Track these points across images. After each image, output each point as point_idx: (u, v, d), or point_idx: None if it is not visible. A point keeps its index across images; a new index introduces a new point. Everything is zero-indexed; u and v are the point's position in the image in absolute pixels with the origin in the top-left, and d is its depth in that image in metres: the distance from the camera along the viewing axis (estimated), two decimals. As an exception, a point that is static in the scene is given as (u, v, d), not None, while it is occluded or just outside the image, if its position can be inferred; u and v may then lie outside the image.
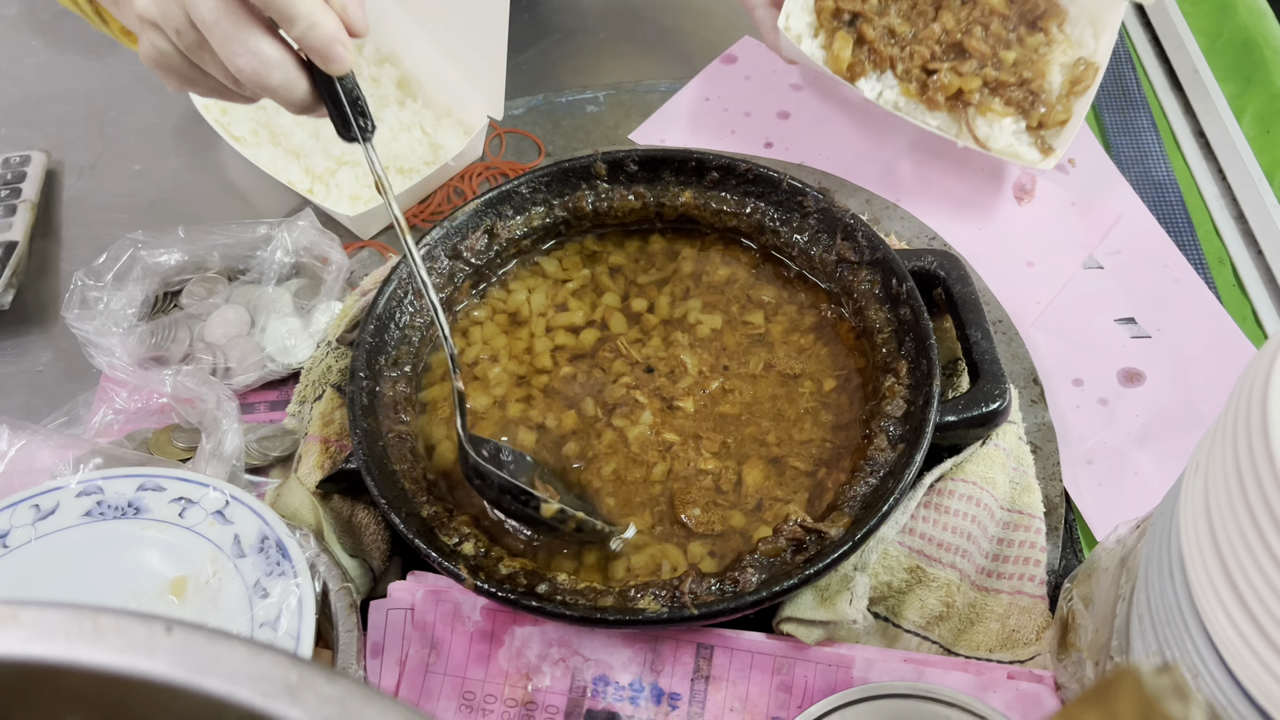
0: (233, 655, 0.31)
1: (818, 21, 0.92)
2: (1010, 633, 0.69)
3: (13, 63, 1.15)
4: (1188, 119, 1.02)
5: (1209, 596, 0.46)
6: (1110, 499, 0.78)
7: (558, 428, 0.75)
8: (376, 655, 0.68)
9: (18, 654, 0.31)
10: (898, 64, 0.91)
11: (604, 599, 0.64)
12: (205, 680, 0.31)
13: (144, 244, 0.86)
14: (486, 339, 0.80)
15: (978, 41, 0.90)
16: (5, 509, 0.68)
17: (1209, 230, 0.93)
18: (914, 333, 0.74)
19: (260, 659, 0.32)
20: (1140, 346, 0.87)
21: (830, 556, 0.63)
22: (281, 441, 0.79)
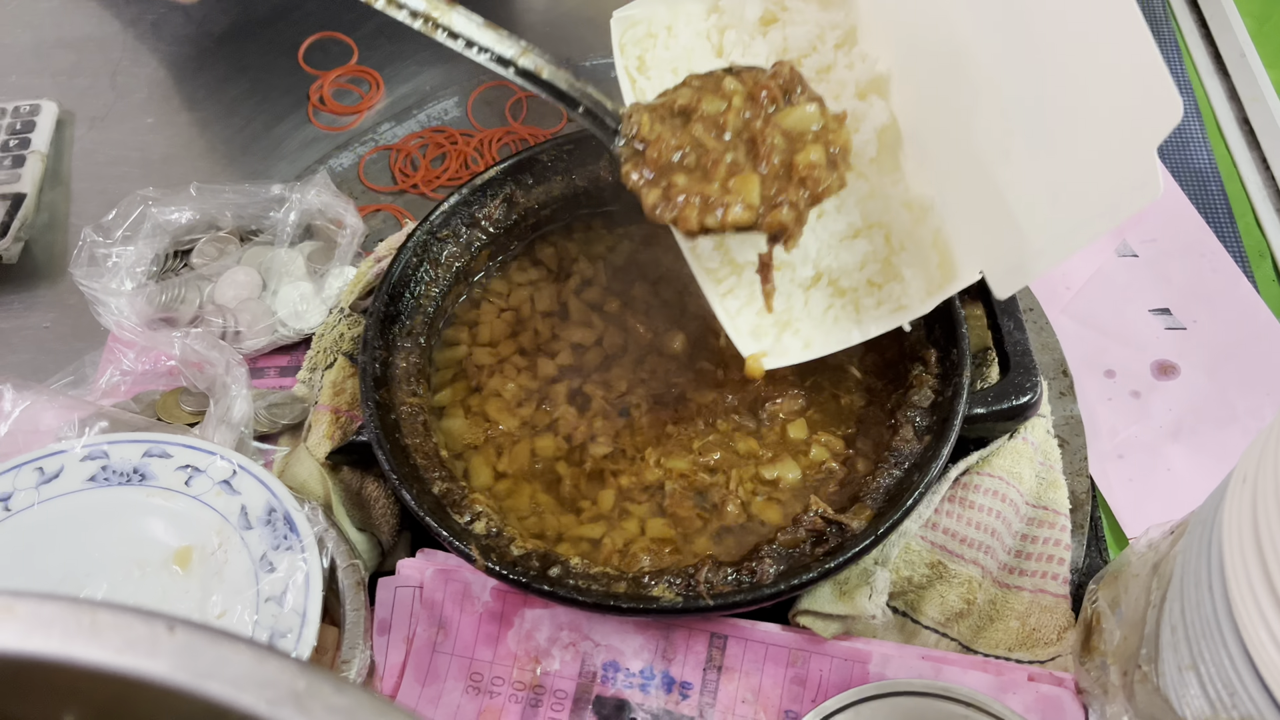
0: (238, 659, 0.30)
1: None
2: (1031, 632, 0.68)
3: (24, 7, 1.12)
4: (1232, 105, 0.98)
5: (1252, 614, 0.44)
6: (1141, 495, 0.76)
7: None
8: (384, 633, 0.67)
9: (12, 649, 0.30)
10: None
11: (617, 585, 0.62)
12: (208, 684, 0.29)
13: (155, 201, 0.84)
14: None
15: None
16: (8, 471, 0.67)
17: (1250, 222, 0.90)
18: (944, 320, 0.71)
19: (266, 664, 0.30)
20: (1175, 338, 0.84)
21: (851, 550, 0.62)
22: (291, 409, 0.78)
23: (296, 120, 1.00)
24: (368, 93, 1.02)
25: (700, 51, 0.73)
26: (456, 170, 0.95)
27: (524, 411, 0.73)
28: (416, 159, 0.96)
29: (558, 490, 0.70)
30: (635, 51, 0.73)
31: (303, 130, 1.00)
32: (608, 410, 0.73)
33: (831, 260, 0.69)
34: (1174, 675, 0.53)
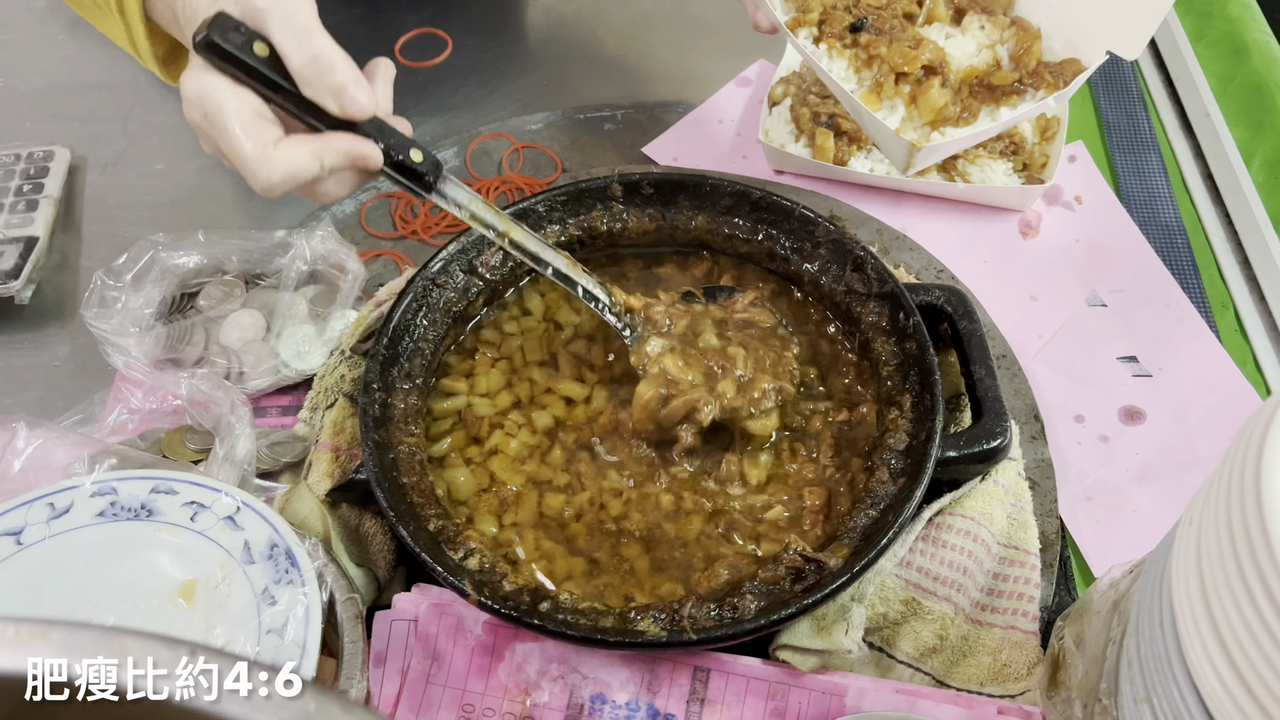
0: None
1: (796, 128, 1.00)
2: (1002, 667, 0.70)
3: (39, 55, 1.16)
4: (1197, 162, 1.03)
5: (1198, 651, 0.47)
6: (1109, 536, 0.79)
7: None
8: (379, 665, 0.69)
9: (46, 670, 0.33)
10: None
11: (604, 619, 0.65)
12: (226, 706, 0.32)
13: (164, 246, 0.88)
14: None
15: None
16: (20, 506, 0.69)
17: (1213, 274, 0.95)
18: (919, 367, 0.75)
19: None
20: (1141, 385, 0.88)
21: (829, 587, 0.65)
22: (292, 447, 0.81)
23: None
24: (370, 142, 1.06)
25: None
26: (454, 218, 0.98)
27: (528, 468, 0.76)
28: (416, 206, 0.99)
29: (566, 541, 0.73)
30: None
31: (307, 177, 1.03)
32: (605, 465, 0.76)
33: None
34: (1131, 708, 0.56)
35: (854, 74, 0.86)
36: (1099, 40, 0.81)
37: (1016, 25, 0.89)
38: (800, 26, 0.86)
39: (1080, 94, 1.09)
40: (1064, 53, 0.87)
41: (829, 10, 0.85)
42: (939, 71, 0.85)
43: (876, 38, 0.84)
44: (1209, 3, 1.14)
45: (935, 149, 0.82)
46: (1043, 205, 0.99)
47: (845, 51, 0.85)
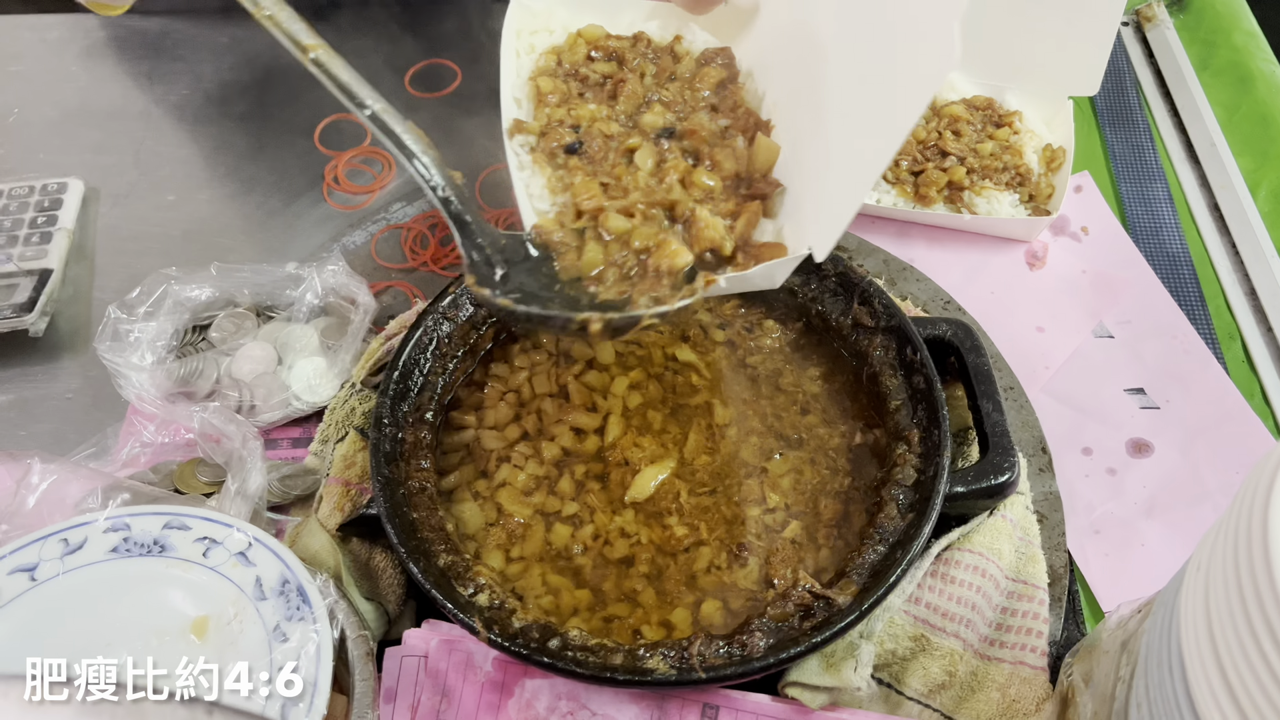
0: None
1: None
2: (1011, 703, 0.70)
3: (52, 87, 1.17)
4: (1203, 192, 1.03)
5: (1207, 697, 0.48)
6: (1117, 569, 0.80)
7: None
8: (389, 701, 0.69)
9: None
10: (886, 173, 1.00)
11: (614, 657, 0.65)
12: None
13: (176, 278, 0.89)
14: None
15: (951, 142, 1.00)
16: (34, 542, 0.70)
17: (1220, 305, 0.95)
18: (927, 402, 0.75)
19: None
20: (1149, 417, 0.88)
21: (838, 625, 0.65)
22: (303, 480, 0.81)
23: (312, 199, 1.05)
24: (380, 173, 1.07)
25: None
26: (463, 249, 0.99)
27: (536, 500, 0.76)
28: (426, 237, 1.00)
29: (572, 573, 0.73)
30: (528, 39, 0.80)
31: (317, 208, 1.05)
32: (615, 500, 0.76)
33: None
34: (1140, 750, 0.56)
35: (549, 195, 0.72)
36: (809, 229, 0.67)
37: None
38: (520, 133, 0.74)
39: (1086, 124, 1.09)
40: (779, 227, 0.71)
41: (553, 124, 0.74)
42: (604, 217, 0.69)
43: (580, 164, 0.72)
44: (1214, 32, 1.14)
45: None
46: (1049, 236, 0.99)
47: (548, 169, 0.73)
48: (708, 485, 0.76)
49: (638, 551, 0.73)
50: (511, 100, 0.76)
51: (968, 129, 1.01)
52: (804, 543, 0.73)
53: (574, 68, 0.77)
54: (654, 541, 0.73)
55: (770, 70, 0.75)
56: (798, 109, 0.71)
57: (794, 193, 0.70)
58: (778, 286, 0.68)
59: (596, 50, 0.78)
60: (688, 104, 0.75)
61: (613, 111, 0.75)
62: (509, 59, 0.78)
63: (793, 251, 0.66)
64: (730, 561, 0.72)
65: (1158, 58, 1.16)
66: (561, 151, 0.73)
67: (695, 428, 0.79)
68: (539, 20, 0.80)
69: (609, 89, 0.76)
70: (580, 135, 0.73)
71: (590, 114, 0.74)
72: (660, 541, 0.73)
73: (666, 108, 0.75)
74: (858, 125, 0.64)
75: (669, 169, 0.71)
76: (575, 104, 0.75)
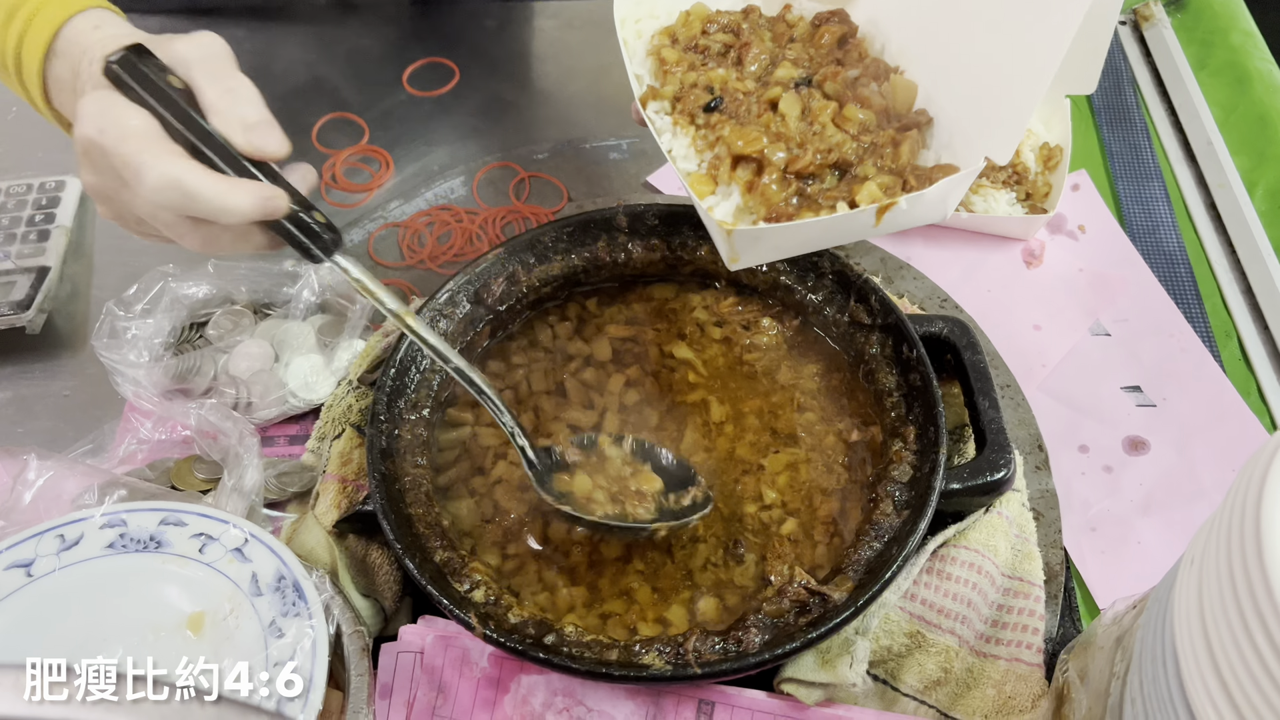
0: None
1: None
2: (1006, 699, 0.70)
3: (51, 85, 1.17)
4: (1200, 191, 1.03)
5: (1201, 692, 0.48)
6: (1113, 567, 0.80)
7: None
8: (385, 697, 0.69)
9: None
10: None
11: (610, 653, 0.65)
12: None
13: (174, 276, 0.89)
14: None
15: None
16: (31, 538, 0.70)
17: (1217, 303, 0.95)
18: (923, 399, 0.75)
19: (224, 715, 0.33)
20: (1145, 415, 0.88)
21: (833, 621, 0.65)
22: (300, 477, 0.81)
23: (310, 197, 1.05)
24: (378, 171, 1.08)
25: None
26: (462, 247, 0.99)
27: (531, 496, 0.76)
28: (424, 235, 1.00)
29: (568, 570, 0.73)
30: (633, 27, 0.80)
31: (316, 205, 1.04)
32: None
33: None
34: (1135, 746, 0.56)
35: (695, 154, 0.73)
36: (979, 145, 0.68)
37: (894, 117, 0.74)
38: (654, 100, 0.75)
39: (1083, 123, 1.09)
40: (937, 156, 0.71)
41: (687, 88, 0.75)
42: (767, 162, 0.69)
43: (724, 119, 0.72)
44: (1211, 32, 1.14)
45: (754, 235, 0.67)
46: (1046, 234, 0.99)
47: (690, 128, 0.73)
48: (704, 482, 0.76)
49: (634, 549, 0.73)
50: (634, 77, 0.77)
51: None
52: (800, 539, 0.73)
53: (692, 40, 0.78)
54: (651, 538, 0.73)
55: (888, 21, 0.76)
56: (928, 47, 0.72)
57: (944, 124, 0.71)
58: (949, 216, 0.69)
59: (710, 24, 0.78)
60: (814, 60, 0.76)
61: (742, 73, 0.75)
62: (624, 43, 0.79)
63: (966, 169, 0.66)
64: (726, 558, 0.72)
65: (1155, 57, 1.16)
66: (700, 111, 0.73)
67: (691, 425, 0.79)
68: (643, 7, 0.80)
69: (733, 56, 0.77)
70: (717, 94, 0.74)
71: (721, 77, 0.74)
72: (658, 540, 0.73)
73: (794, 64, 0.75)
74: (1015, 32, 0.65)
75: (817, 112, 0.71)
76: (703, 70, 0.75)
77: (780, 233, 0.67)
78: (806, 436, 0.79)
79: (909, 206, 0.65)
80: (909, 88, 0.72)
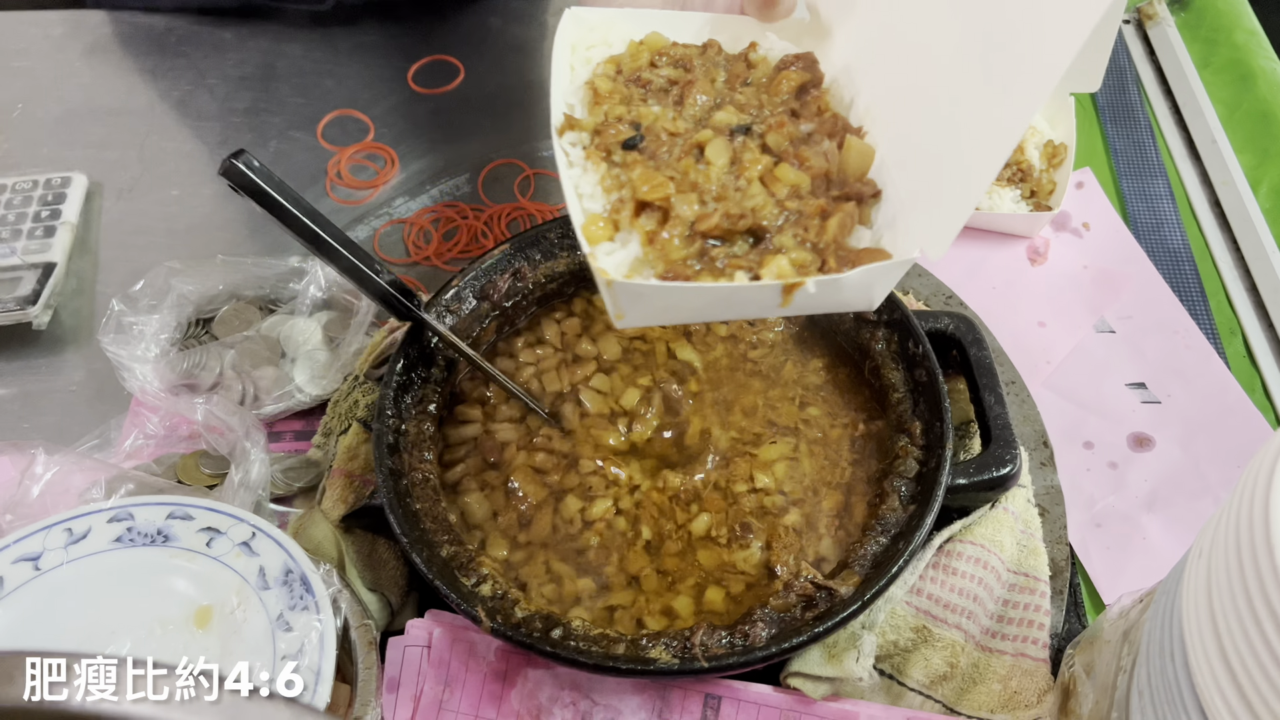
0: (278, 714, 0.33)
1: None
2: (1012, 694, 0.71)
3: (57, 83, 1.18)
4: (1204, 188, 1.03)
5: (1209, 683, 0.48)
6: (1118, 563, 0.80)
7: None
8: (392, 690, 0.69)
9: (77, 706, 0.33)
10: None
11: (616, 647, 0.65)
12: None
13: (181, 272, 0.89)
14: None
15: None
16: (39, 532, 0.70)
17: (1221, 300, 0.95)
18: (928, 395, 0.75)
19: (303, 718, 0.34)
20: (1150, 411, 0.88)
21: (839, 615, 0.65)
22: (306, 472, 0.81)
23: (315, 194, 1.05)
24: (383, 168, 1.08)
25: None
26: (467, 243, 0.99)
27: (551, 478, 0.76)
28: (429, 232, 1.01)
29: (575, 555, 0.73)
30: (583, 53, 0.71)
31: (320, 203, 1.05)
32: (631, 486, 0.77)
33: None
34: (1142, 739, 0.56)
35: (602, 194, 0.63)
36: (918, 230, 0.58)
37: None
38: (571, 130, 0.66)
39: (1088, 121, 1.10)
40: (878, 236, 0.61)
41: (611, 121, 0.65)
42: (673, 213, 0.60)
43: (641, 158, 0.62)
44: (1215, 30, 1.15)
45: (636, 292, 0.57)
46: (1051, 232, 1.00)
47: (602, 165, 0.64)
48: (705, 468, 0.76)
49: (642, 513, 0.74)
50: (563, 105, 0.68)
51: None
52: (805, 530, 0.73)
53: (635, 74, 0.68)
54: (654, 495, 0.74)
55: (861, 74, 0.66)
56: (897, 111, 0.63)
57: (893, 200, 0.61)
58: (875, 307, 0.59)
59: (661, 56, 0.69)
60: (764, 107, 0.66)
61: (679, 114, 0.65)
62: (561, 71, 0.69)
63: (898, 256, 0.57)
64: (731, 538, 0.72)
65: (1159, 55, 1.16)
66: (619, 147, 0.63)
67: (694, 414, 0.79)
68: (596, 34, 0.71)
69: (675, 94, 0.67)
70: (641, 132, 0.64)
71: (654, 115, 0.65)
72: (660, 501, 0.74)
73: (739, 109, 0.65)
74: (976, 110, 0.56)
75: (747, 165, 0.62)
76: (637, 105, 0.66)
77: (668, 294, 0.57)
78: (808, 429, 0.79)
79: (817, 290, 0.56)
80: (864, 153, 0.62)
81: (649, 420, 0.79)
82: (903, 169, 0.61)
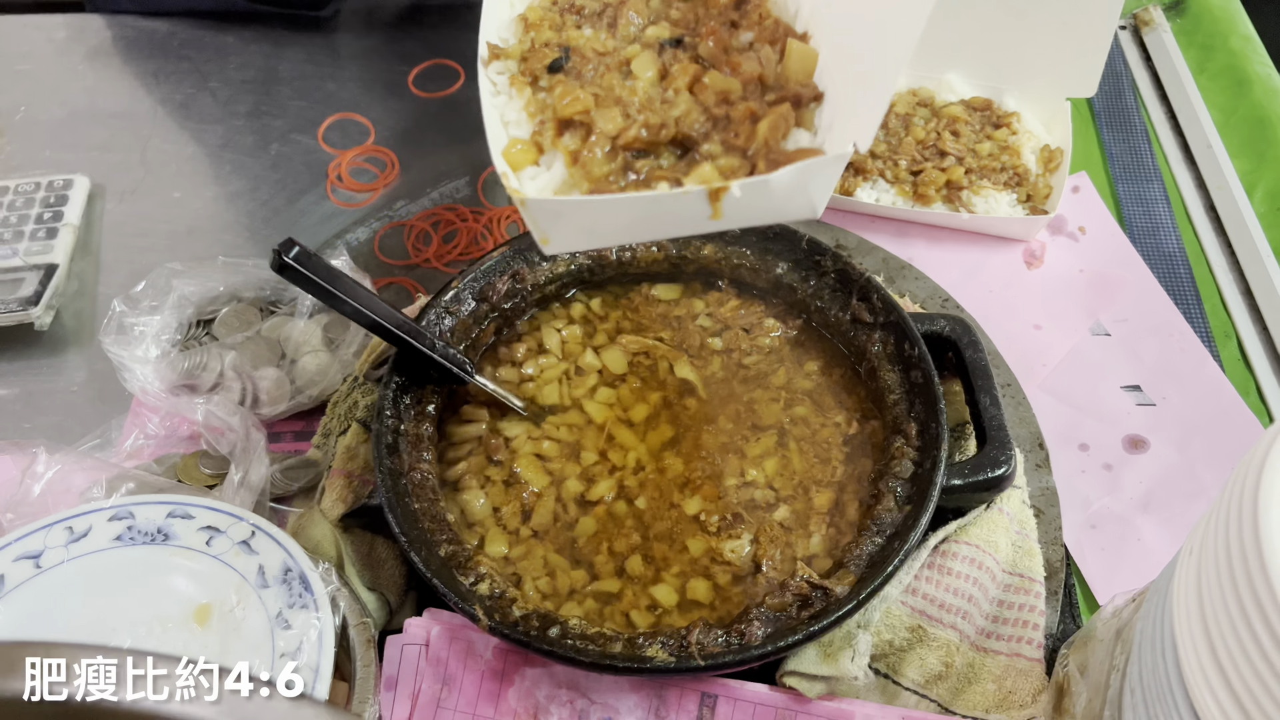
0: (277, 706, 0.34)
1: None
2: (1007, 694, 0.71)
3: (59, 85, 1.18)
4: (1200, 193, 1.04)
5: (1199, 679, 0.48)
6: (1113, 564, 0.80)
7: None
8: (390, 689, 0.70)
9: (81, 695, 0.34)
10: (885, 172, 1.00)
11: (613, 645, 0.66)
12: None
13: (182, 273, 0.89)
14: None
15: (950, 143, 1.00)
16: (40, 530, 0.71)
17: (1216, 304, 0.96)
18: (924, 397, 0.76)
19: (301, 710, 0.34)
20: (1145, 414, 0.89)
21: (835, 614, 0.65)
22: (306, 472, 0.82)
23: (316, 196, 1.06)
24: (384, 171, 1.08)
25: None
26: (467, 246, 1.00)
27: (555, 465, 0.78)
28: (429, 234, 1.01)
29: (571, 550, 0.74)
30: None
31: (321, 206, 1.05)
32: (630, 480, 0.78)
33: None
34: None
35: (527, 119, 0.62)
36: (851, 126, 0.55)
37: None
38: (497, 59, 0.64)
39: (1084, 125, 1.10)
40: (820, 140, 0.59)
41: (538, 47, 0.63)
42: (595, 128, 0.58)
43: (565, 79, 0.61)
44: (1211, 36, 1.15)
45: (553, 209, 0.55)
46: (1047, 235, 1.00)
47: (526, 90, 0.62)
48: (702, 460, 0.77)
49: (643, 491, 0.75)
50: (496, 38, 0.66)
51: (966, 129, 1.02)
52: (794, 526, 0.74)
53: (569, 1, 0.66)
54: (655, 477, 0.75)
55: None
56: (838, 13, 0.61)
57: (832, 101, 0.58)
58: (819, 214, 0.55)
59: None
60: (700, 20, 0.63)
61: (612, 35, 0.64)
62: (498, 6, 0.67)
63: (830, 153, 0.54)
64: (721, 526, 0.73)
65: (1155, 61, 1.17)
66: (545, 72, 0.62)
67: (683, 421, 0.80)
68: None
69: (609, 16, 0.65)
70: (568, 54, 0.62)
71: (584, 38, 0.63)
72: (660, 482, 0.75)
73: (674, 25, 0.63)
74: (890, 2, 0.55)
75: (675, 77, 0.59)
76: (570, 31, 0.64)
77: (586, 209, 0.54)
78: (798, 428, 0.79)
79: (744, 194, 0.52)
80: (807, 55, 0.59)
81: (652, 426, 0.80)
82: (842, 66, 0.59)
